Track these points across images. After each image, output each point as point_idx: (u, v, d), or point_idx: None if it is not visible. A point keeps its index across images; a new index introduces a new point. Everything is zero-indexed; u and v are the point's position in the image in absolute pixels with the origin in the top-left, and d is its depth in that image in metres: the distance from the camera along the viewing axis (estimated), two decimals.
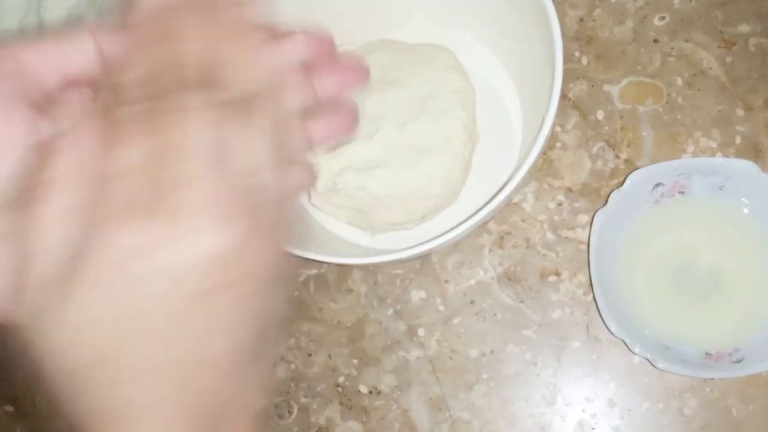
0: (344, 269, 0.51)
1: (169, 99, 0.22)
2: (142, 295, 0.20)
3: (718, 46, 0.50)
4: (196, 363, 0.22)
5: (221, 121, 0.22)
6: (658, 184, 0.47)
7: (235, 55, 0.23)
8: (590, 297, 0.48)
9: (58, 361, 0.21)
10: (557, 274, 0.49)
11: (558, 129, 0.51)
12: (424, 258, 0.51)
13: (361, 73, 0.30)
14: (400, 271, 0.51)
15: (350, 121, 0.30)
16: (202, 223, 0.21)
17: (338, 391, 0.50)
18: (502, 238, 0.50)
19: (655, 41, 0.51)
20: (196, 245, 0.20)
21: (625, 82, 0.51)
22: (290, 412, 0.51)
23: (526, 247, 0.50)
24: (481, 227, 0.50)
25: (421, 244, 0.39)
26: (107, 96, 0.22)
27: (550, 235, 0.50)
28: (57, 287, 0.21)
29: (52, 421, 0.54)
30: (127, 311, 0.20)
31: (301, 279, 0.52)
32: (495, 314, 0.49)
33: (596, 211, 0.46)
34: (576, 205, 0.50)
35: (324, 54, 0.29)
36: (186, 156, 0.21)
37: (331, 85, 0.29)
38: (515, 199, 0.50)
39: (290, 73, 0.26)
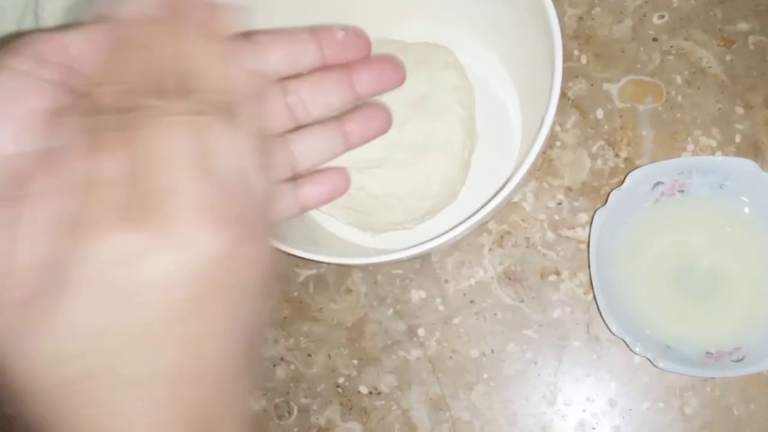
0: (344, 269, 0.51)
1: (149, 107, 0.21)
2: (131, 304, 0.20)
3: (718, 45, 0.50)
4: (187, 372, 0.21)
5: (203, 126, 0.22)
6: (658, 183, 0.47)
7: (212, 62, 0.23)
8: (590, 296, 0.48)
9: (40, 380, 0.20)
10: (557, 273, 0.49)
11: (557, 128, 0.50)
12: (424, 258, 0.51)
13: (397, 68, 0.31)
14: (400, 271, 0.51)
15: (385, 120, 0.31)
16: (189, 231, 0.20)
17: (338, 392, 0.50)
18: (502, 237, 0.50)
19: (655, 40, 0.51)
20: (185, 253, 0.20)
21: (624, 80, 0.51)
22: (290, 413, 0.51)
23: (526, 247, 0.50)
24: (481, 227, 0.50)
25: (421, 243, 0.39)
26: (86, 105, 0.22)
27: (550, 235, 0.50)
28: (39, 301, 0.20)
29: None
30: (116, 321, 0.20)
31: (300, 279, 0.52)
32: (495, 314, 0.49)
33: (596, 210, 0.46)
34: (576, 204, 0.50)
35: (360, 51, 0.29)
36: (169, 163, 0.21)
37: (369, 81, 0.30)
38: (515, 199, 0.50)
39: (265, 81, 0.26)
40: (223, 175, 0.22)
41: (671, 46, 0.51)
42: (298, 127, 0.31)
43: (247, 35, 0.28)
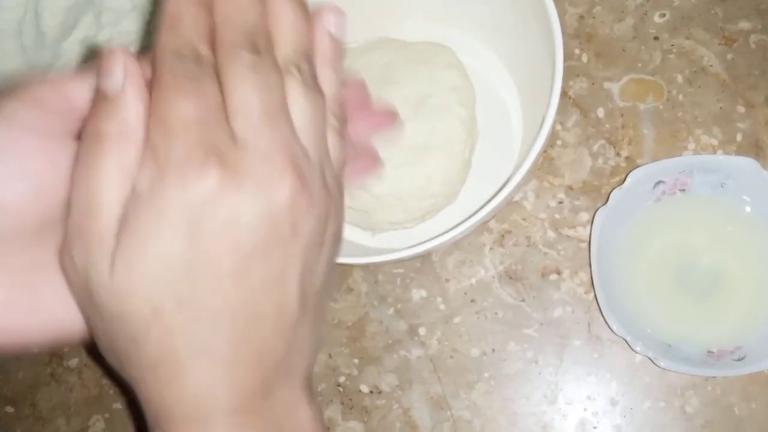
0: (345, 268, 0.51)
1: (232, 58, 0.22)
2: (213, 242, 0.21)
3: (719, 43, 0.50)
4: (263, 311, 0.23)
5: (281, 77, 0.23)
6: (659, 182, 0.47)
7: (281, 20, 0.24)
8: (591, 295, 0.48)
9: (138, 302, 0.21)
10: (558, 272, 0.49)
11: (558, 127, 0.50)
12: (425, 257, 0.51)
13: (392, 117, 0.32)
14: (401, 271, 0.51)
15: (374, 164, 0.32)
16: (266, 174, 0.21)
17: (339, 391, 0.50)
18: (502, 236, 0.50)
19: (656, 38, 0.51)
20: (260, 195, 0.21)
21: (625, 79, 0.50)
22: None
23: (527, 246, 0.50)
24: (482, 226, 0.50)
25: (422, 243, 0.39)
26: (166, 54, 0.22)
27: (551, 234, 0.50)
28: (133, 232, 0.21)
29: (51, 423, 0.54)
30: (198, 259, 0.21)
31: None
32: (496, 313, 0.49)
33: (597, 210, 0.46)
34: (577, 203, 0.50)
35: (358, 100, 0.31)
36: (254, 109, 0.22)
37: (364, 130, 0.31)
38: (516, 198, 0.50)
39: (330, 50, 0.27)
40: (299, 127, 0.23)
41: (672, 45, 0.50)
42: None
43: None
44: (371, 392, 0.50)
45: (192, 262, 0.21)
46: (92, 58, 0.25)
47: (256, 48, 0.23)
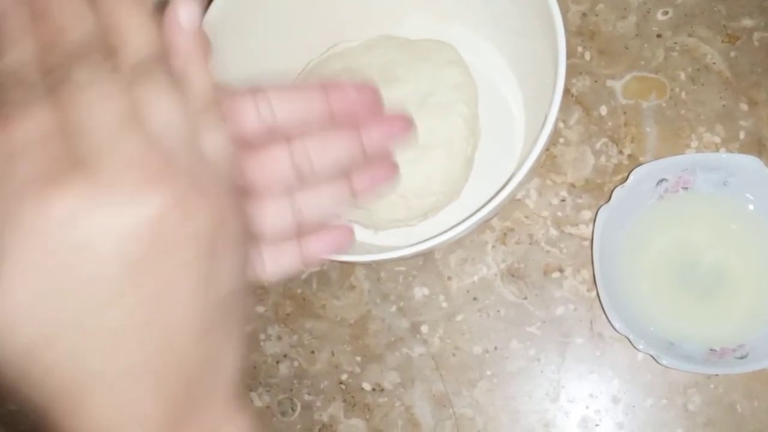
0: (347, 266, 0.51)
1: (66, 73, 0.21)
2: (81, 264, 0.20)
3: (722, 41, 0.50)
4: (159, 327, 0.21)
5: (127, 85, 0.21)
6: (661, 180, 0.47)
7: (122, 23, 0.22)
8: (594, 293, 0.48)
9: (5, 347, 0.20)
10: (561, 270, 0.49)
11: (561, 125, 0.50)
12: (427, 255, 0.51)
13: (406, 123, 0.31)
14: (403, 268, 0.51)
15: (392, 172, 0.31)
16: (128, 186, 0.20)
17: (341, 389, 0.50)
18: (505, 234, 0.50)
19: (659, 36, 0.51)
20: (119, 209, 0.20)
21: (628, 77, 0.50)
22: (293, 410, 0.51)
23: (530, 244, 0.50)
24: (484, 224, 0.50)
25: (424, 241, 0.39)
26: None
27: (553, 232, 0.50)
28: None
29: None
30: (64, 284, 0.20)
31: (303, 276, 0.52)
32: (498, 311, 0.49)
33: (600, 207, 0.46)
34: (579, 201, 0.50)
35: (371, 106, 0.29)
36: (99, 122, 0.20)
37: (377, 137, 0.30)
38: (518, 196, 0.50)
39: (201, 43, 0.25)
40: (157, 131, 0.21)
41: (675, 43, 0.50)
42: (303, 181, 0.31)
43: (255, 89, 0.27)
44: (373, 390, 0.50)
45: (60, 290, 0.20)
46: None
47: (91, 58, 0.21)
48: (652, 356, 0.44)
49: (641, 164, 0.46)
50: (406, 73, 0.47)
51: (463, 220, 0.39)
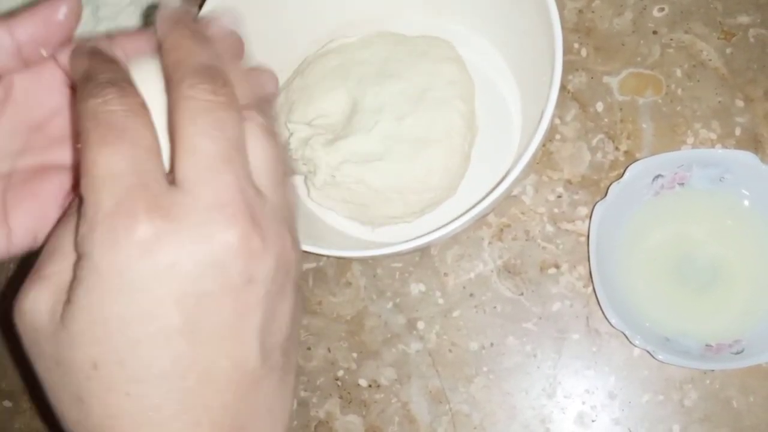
0: (343, 262, 0.51)
1: (178, 96, 0.21)
2: (147, 298, 0.20)
3: (718, 38, 0.50)
4: (201, 374, 0.21)
5: (239, 121, 0.22)
6: (657, 176, 0.47)
7: (232, 70, 0.23)
8: (590, 289, 0.48)
9: (74, 358, 0.20)
10: (557, 266, 0.49)
11: (557, 121, 0.50)
12: (424, 251, 0.51)
13: (273, 80, 0.29)
14: (400, 265, 0.51)
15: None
16: (212, 222, 0.20)
17: (338, 385, 0.50)
18: (501, 230, 0.50)
19: (655, 33, 0.51)
20: (199, 244, 0.20)
21: (624, 73, 0.50)
22: None
23: (526, 240, 0.50)
24: (481, 220, 0.50)
25: (421, 237, 0.39)
26: (88, 100, 0.21)
27: (549, 228, 0.50)
28: (70, 286, 0.20)
29: (49, 417, 0.53)
30: (131, 316, 0.20)
31: (300, 273, 0.52)
32: (495, 307, 0.49)
33: (596, 204, 0.46)
34: (575, 197, 0.50)
35: (233, 54, 0.29)
36: (197, 154, 0.21)
37: (244, 94, 0.29)
38: (515, 192, 0.50)
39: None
40: (250, 173, 0.22)
41: (671, 39, 0.50)
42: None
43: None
44: (370, 386, 0.50)
45: (128, 319, 0.20)
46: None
47: (209, 88, 0.21)
48: (648, 352, 0.44)
49: (637, 160, 0.46)
50: (403, 69, 0.47)
51: (460, 216, 0.39)
